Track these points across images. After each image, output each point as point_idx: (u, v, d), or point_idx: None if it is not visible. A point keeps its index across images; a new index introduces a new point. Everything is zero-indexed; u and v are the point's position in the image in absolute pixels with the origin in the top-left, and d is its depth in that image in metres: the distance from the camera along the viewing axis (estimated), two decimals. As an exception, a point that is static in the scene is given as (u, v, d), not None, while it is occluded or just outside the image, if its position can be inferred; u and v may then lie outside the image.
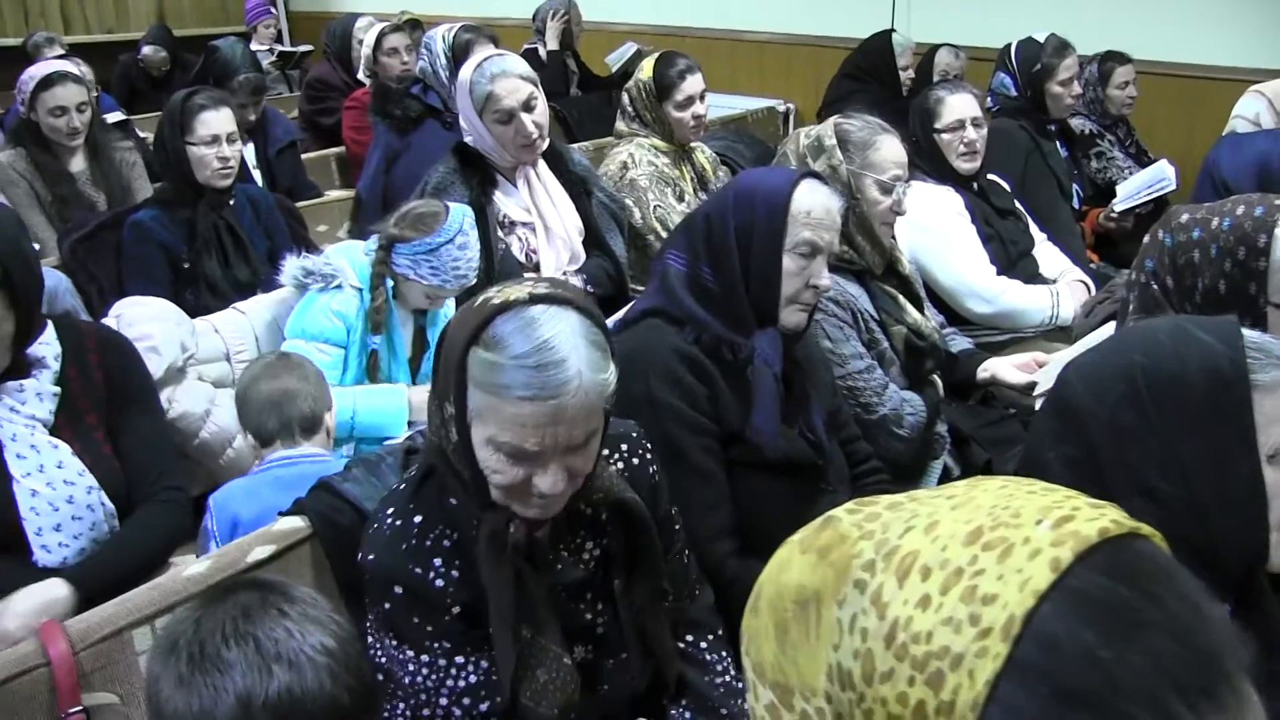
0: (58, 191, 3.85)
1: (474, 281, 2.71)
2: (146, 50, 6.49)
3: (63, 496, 1.98)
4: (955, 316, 3.25)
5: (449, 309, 2.86)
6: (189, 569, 1.66)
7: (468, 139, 3.09)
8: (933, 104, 3.35)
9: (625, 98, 3.70)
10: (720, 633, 1.84)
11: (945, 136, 3.31)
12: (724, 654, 1.81)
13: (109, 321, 2.70)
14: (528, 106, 2.97)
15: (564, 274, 3.09)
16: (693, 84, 3.60)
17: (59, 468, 1.99)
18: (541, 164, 3.12)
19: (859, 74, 5.06)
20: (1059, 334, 3.37)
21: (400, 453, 1.93)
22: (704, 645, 1.80)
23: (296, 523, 1.78)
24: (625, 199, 3.45)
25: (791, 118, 6.31)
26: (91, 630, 1.51)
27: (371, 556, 1.53)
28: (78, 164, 3.96)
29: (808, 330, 2.15)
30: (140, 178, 4.13)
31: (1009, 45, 4.29)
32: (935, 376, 2.73)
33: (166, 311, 2.71)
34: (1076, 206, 4.32)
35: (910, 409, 2.52)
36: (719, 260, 2.03)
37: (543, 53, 5.83)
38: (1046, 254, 3.62)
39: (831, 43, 6.13)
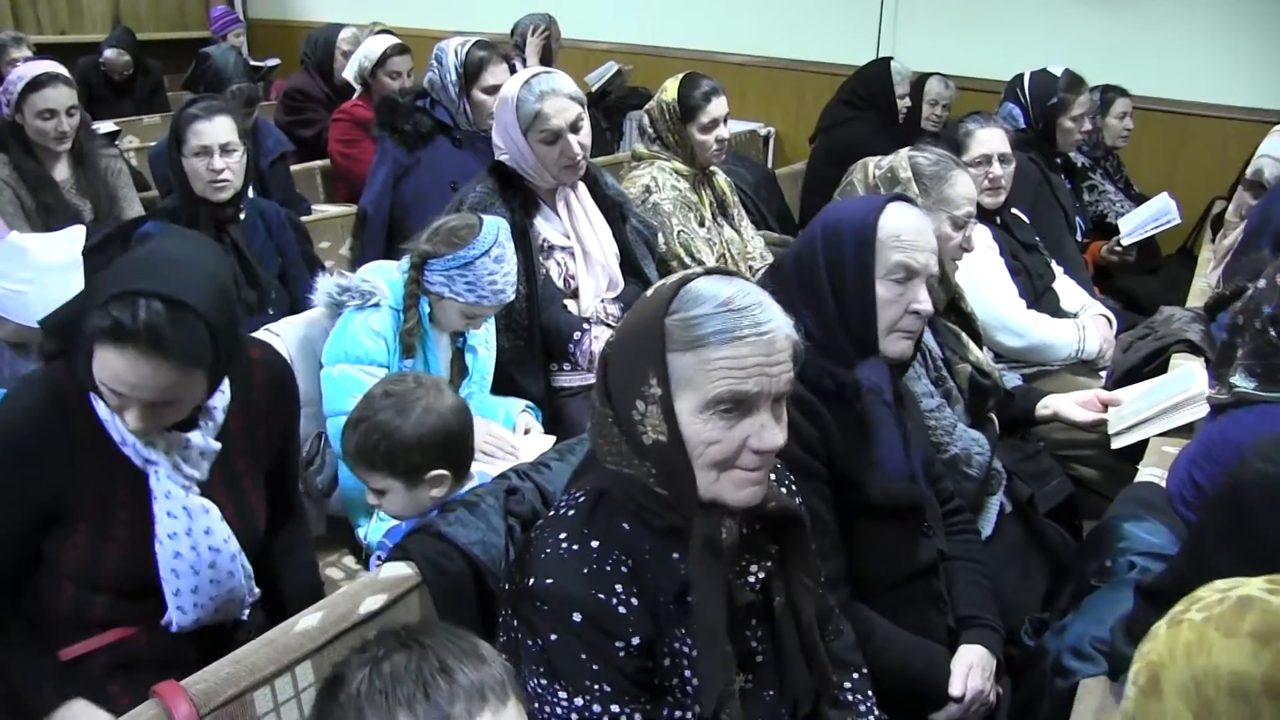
0: (42, 199, 3.68)
1: (512, 298, 2.59)
2: (109, 53, 6.24)
3: (206, 561, 1.82)
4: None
5: (489, 334, 2.74)
6: (300, 623, 1.53)
7: (503, 157, 2.97)
8: (961, 136, 3.31)
9: (645, 118, 3.62)
10: (865, 671, 1.80)
11: (971, 171, 3.27)
12: (868, 694, 1.78)
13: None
14: (575, 127, 2.87)
15: (602, 302, 2.99)
16: (718, 106, 3.52)
17: (206, 533, 1.81)
18: (581, 187, 3.01)
19: (856, 100, 5.01)
20: (1082, 367, 3.37)
21: (501, 492, 1.81)
22: (848, 685, 1.77)
23: (404, 569, 1.66)
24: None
25: (772, 141, 6.30)
26: (214, 692, 1.38)
27: (550, 580, 1.41)
28: (62, 171, 3.80)
29: (912, 361, 2.08)
30: (127, 186, 3.97)
31: (1020, 76, 4.29)
32: (992, 414, 2.68)
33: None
34: (1079, 239, 4.33)
35: (979, 448, 2.46)
36: (813, 298, 1.96)
37: (521, 67, 5.72)
38: (1065, 287, 3.61)
39: (814, 68, 6.12)
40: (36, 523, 1.76)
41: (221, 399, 1.84)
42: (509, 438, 2.59)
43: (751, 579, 1.55)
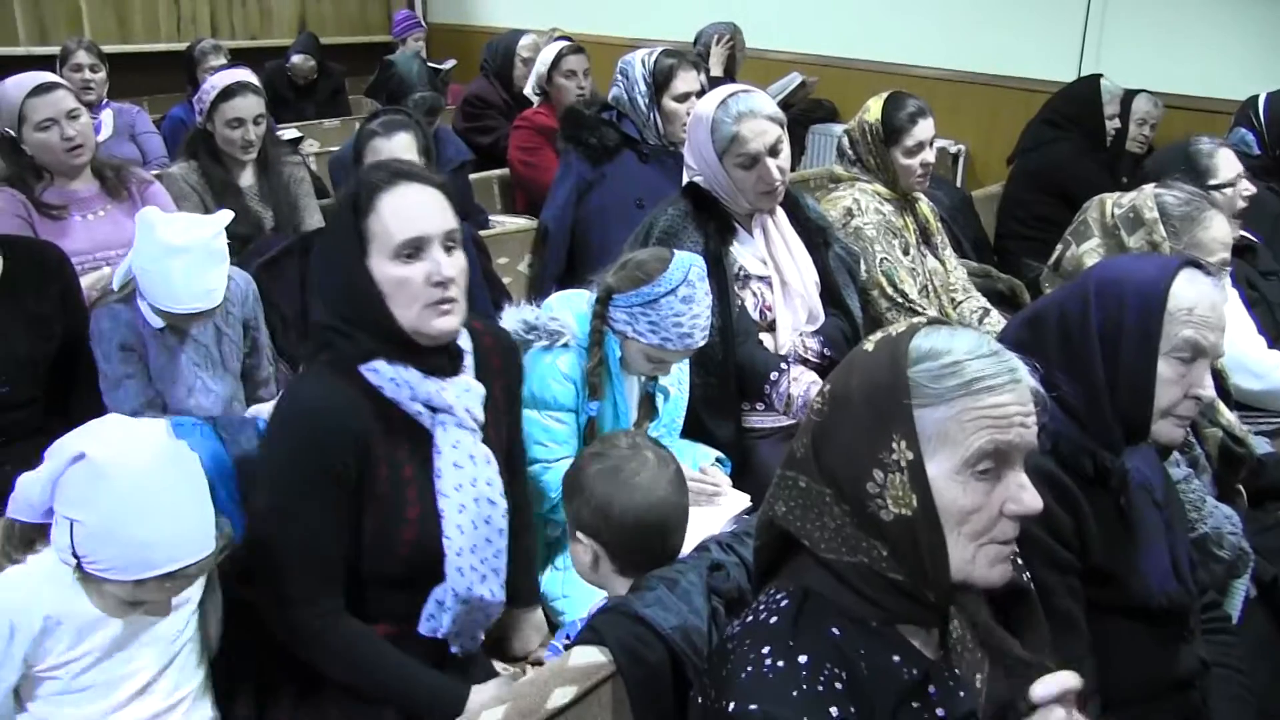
0: (225, 206, 3.64)
1: (702, 344, 2.37)
2: (296, 59, 6.37)
3: (483, 516, 1.85)
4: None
5: (683, 374, 2.55)
6: (483, 716, 1.37)
7: (696, 178, 2.78)
8: (1205, 161, 3.00)
9: (846, 139, 3.38)
10: None
11: (1228, 192, 2.96)
12: None
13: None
14: (774, 151, 2.65)
15: (800, 336, 2.77)
16: (924, 129, 3.27)
17: (488, 484, 1.86)
18: (780, 211, 2.80)
19: (1060, 120, 4.68)
20: (1326, 424, 3.01)
21: (703, 568, 1.62)
22: None
23: (597, 657, 1.48)
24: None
25: (962, 160, 5.98)
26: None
27: (754, 707, 1.20)
28: (247, 178, 3.77)
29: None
30: (308, 195, 3.93)
31: (1255, 97, 3.92)
32: (1240, 485, 2.39)
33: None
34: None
35: (1230, 526, 2.18)
36: (1078, 365, 1.70)
37: (704, 79, 5.54)
38: (1310, 324, 3.25)
39: (1008, 83, 5.76)
40: (346, 512, 1.78)
41: (467, 342, 1.91)
42: (715, 478, 2.41)
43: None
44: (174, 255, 2.44)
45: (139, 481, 1.53)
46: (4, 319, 2.63)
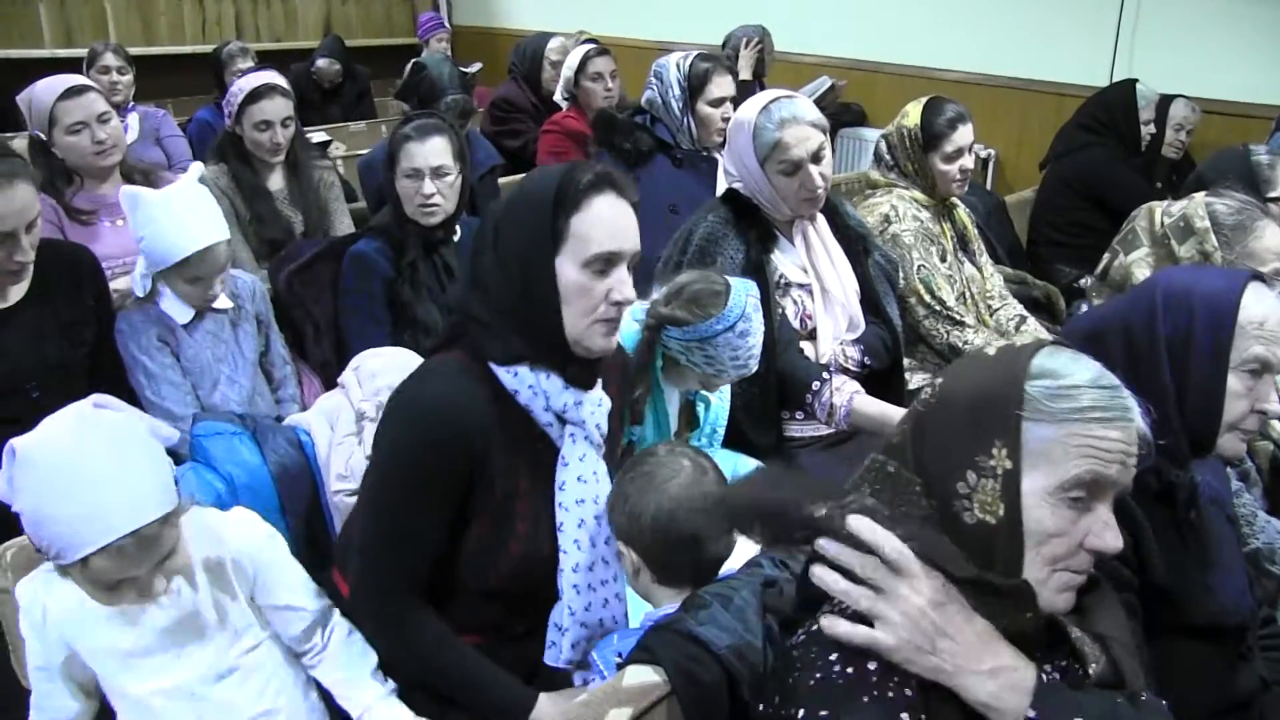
0: (255, 209, 3.64)
1: (754, 370, 2.35)
2: (321, 63, 6.35)
3: (602, 535, 1.78)
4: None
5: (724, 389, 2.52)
6: (539, 738, 1.34)
7: (735, 185, 2.74)
8: (1265, 170, 2.93)
9: (883, 144, 3.34)
10: None
11: None
12: None
13: (347, 377, 2.43)
14: (816, 157, 2.61)
15: (841, 344, 2.73)
16: (963, 135, 3.23)
17: (595, 502, 1.79)
18: (820, 218, 2.75)
19: (1094, 125, 4.64)
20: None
21: (757, 585, 1.58)
22: None
23: (652, 677, 1.44)
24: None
25: (992, 164, 5.93)
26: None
27: (824, 714, 1.18)
28: (276, 181, 3.75)
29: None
30: (337, 199, 3.90)
31: (1297, 101, 3.86)
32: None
33: (409, 362, 2.43)
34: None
35: (1286, 542, 2.13)
36: (1144, 377, 1.65)
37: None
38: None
39: (1039, 86, 5.70)
40: (451, 516, 1.73)
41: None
42: None
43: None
44: (161, 206, 2.53)
45: (56, 460, 1.54)
46: (36, 323, 2.62)
